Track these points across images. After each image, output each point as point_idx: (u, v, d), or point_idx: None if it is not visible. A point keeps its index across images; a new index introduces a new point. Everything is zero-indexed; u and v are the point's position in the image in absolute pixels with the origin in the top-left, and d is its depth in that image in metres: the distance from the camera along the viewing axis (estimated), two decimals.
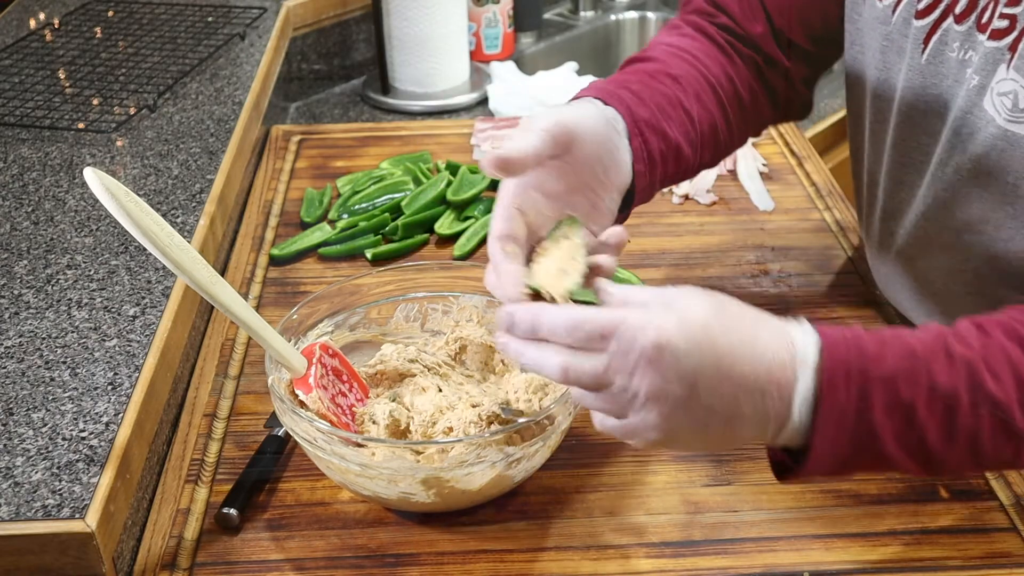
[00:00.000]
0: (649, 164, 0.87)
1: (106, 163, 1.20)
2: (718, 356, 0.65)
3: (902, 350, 0.67)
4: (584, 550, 0.82)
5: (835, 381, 0.66)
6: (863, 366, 0.66)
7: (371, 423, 0.86)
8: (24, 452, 0.80)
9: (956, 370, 0.67)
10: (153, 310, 0.96)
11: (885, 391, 0.66)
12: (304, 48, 1.73)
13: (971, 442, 0.68)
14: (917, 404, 0.66)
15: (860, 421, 0.66)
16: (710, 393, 0.65)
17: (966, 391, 0.67)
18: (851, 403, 0.66)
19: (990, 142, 0.85)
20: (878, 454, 0.68)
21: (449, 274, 0.99)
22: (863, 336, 0.68)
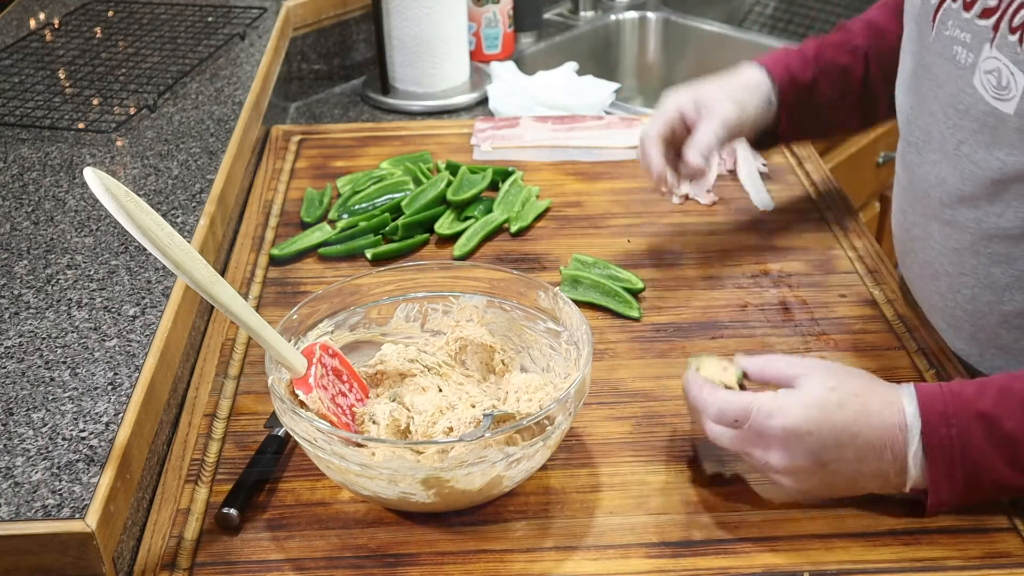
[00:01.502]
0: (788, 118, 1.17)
1: (106, 163, 1.20)
2: (836, 431, 0.78)
3: (997, 388, 0.78)
4: (584, 550, 0.82)
5: (934, 427, 0.77)
6: (958, 408, 0.77)
7: (371, 423, 0.86)
8: (24, 452, 0.80)
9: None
10: (153, 310, 0.96)
11: (984, 426, 0.77)
12: (304, 48, 1.73)
13: None
14: (1019, 434, 0.76)
15: (965, 457, 0.77)
16: (834, 462, 0.79)
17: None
18: (954, 444, 0.77)
19: (982, 119, 0.89)
20: (996, 481, 0.79)
21: (449, 274, 0.99)
22: (962, 384, 0.79)
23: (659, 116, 1.11)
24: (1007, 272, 0.93)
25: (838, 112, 1.21)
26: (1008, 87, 0.85)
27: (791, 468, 0.79)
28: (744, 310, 1.10)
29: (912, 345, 1.04)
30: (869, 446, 0.78)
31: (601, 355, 1.02)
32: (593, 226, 1.25)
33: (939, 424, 0.77)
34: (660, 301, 1.11)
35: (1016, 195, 0.89)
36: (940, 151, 0.96)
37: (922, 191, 1.00)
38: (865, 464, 0.79)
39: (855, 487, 0.82)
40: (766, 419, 0.78)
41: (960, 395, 0.78)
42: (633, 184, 1.34)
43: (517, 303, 0.96)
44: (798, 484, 0.80)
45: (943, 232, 0.98)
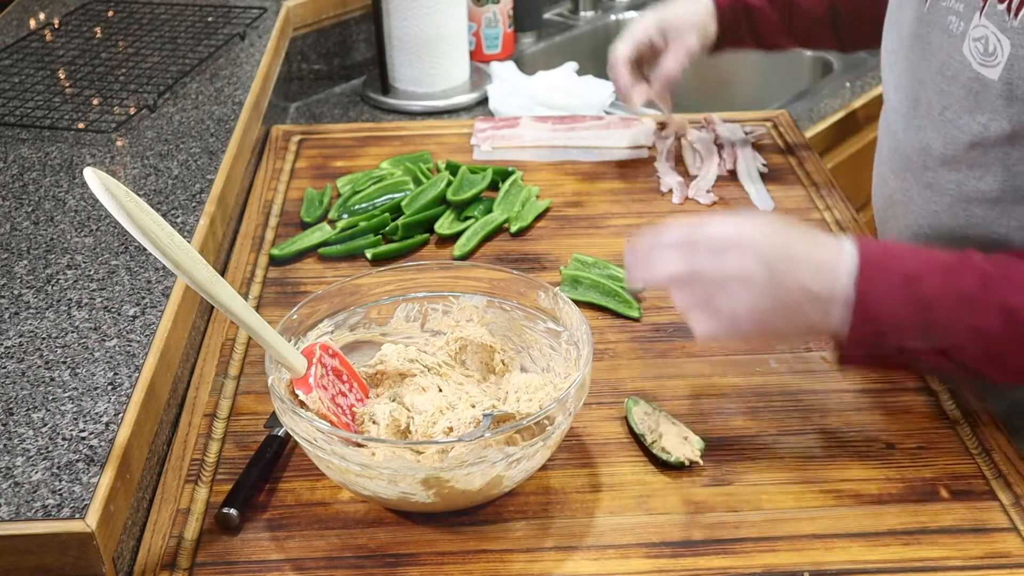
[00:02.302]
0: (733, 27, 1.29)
1: (106, 163, 1.20)
2: (787, 246, 0.81)
3: (927, 255, 0.83)
4: (584, 550, 0.82)
5: (870, 271, 0.80)
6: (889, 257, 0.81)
7: (371, 423, 0.86)
8: (24, 452, 0.80)
9: (974, 276, 0.80)
10: (153, 310, 0.96)
11: (905, 280, 0.80)
12: (304, 48, 1.73)
13: (985, 342, 0.80)
14: (937, 303, 0.80)
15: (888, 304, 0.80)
16: (784, 273, 0.80)
17: (979, 289, 0.79)
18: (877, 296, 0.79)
19: (968, 85, 0.92)
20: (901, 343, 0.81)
21: (449, 274, 0.99)
22: (893, 244, 0.89)
23: (628, 40, 1.28)
24: (984, 234, 0.96)
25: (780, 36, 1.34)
26: (994, 54, 0.89)
27: (745, 273, 0.79)
28: None
29: None
30: (815, 260, 0.80)
31: (601, 355, 1.02)
32: (593, 226, 1.25)
33: (875, 259, 0.80)
34: (660, 301, 1.11)
35: (995, 159, 0.93)
36: (926, 117, 0.99)
37: (905, 155, 1.04)
38: (811, 281, 0.80)
39: (798, 313, 0.80)
40: (721, 226, 0.82)
41: (893, 253, 0.82)
42: (633, 184, 1.34)
43: (517, 303, 0.96)
44: (751, 300, 0.79)
45: (923, 196, 1.02)
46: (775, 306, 0.80)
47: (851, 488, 0.87)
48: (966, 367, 0.82)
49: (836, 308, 0.80)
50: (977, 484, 0.87)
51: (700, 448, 0.89)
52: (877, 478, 0.88)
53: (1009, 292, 0.79)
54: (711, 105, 1.65)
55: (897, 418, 0.95)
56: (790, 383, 0.99)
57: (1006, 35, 0.88)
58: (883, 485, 0.87)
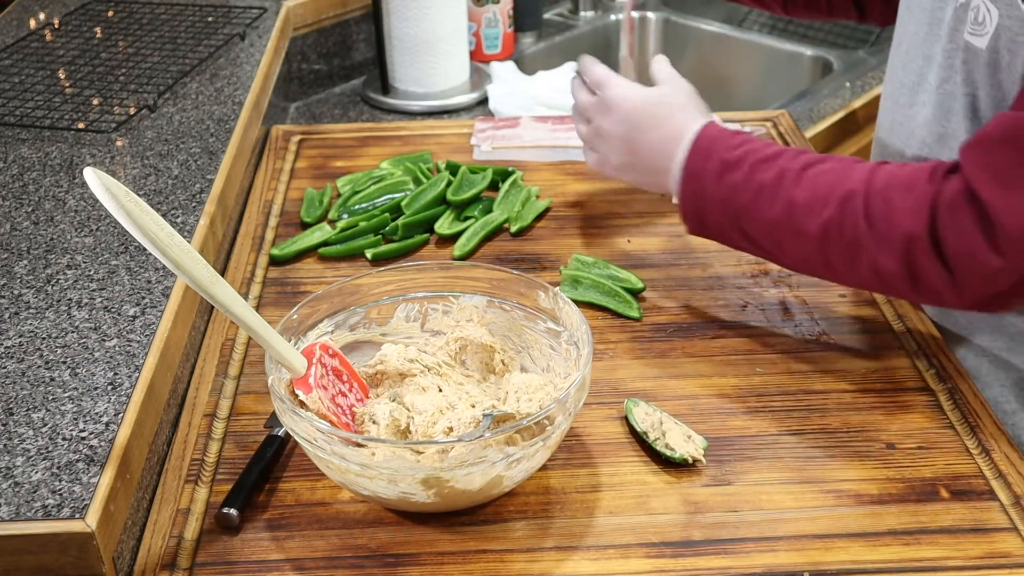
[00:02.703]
0: None
1: (106, 163, 1.20)
2: (646, 116, 1.03)
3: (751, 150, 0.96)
4: (584, 550, 0.82)
5: (695, 150, 0.98)
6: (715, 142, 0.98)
7: (371, 423, 0.86)
8: (24, 452, 0.80)
9: (774, 172, 0.93)
10: (153, 310, 0.96)
11: (722, 167, 0.96)
12: (304, 48, 1.73)
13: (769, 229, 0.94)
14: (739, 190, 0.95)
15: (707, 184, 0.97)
16: (634, 141, 1.04)
17: (774, 186, 0.93)
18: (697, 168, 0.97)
19: (962, 56, 0.95)
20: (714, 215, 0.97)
21: (449, 274, 0.99)
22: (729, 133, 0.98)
23: None
24: None
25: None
26: (983, 23, 0.92)
27: (607, 134, 1.06)
28: (744, 310, 1.10)
29: (912, 345, 1.04)
30: (661, 139, 1.01)
31: (601, 355, 1.02)
32: (593, 226, 1.25)
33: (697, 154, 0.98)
34: (660, 301, 1.11)
35: None
36: (928, 91, 1.01)
37: (908, 131, 1.06)
38: (650, 156, 1.02)
39: (647, 176, 1.04)
40: (615, 89, 1.06)
41: (723, 140, 0.97)
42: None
43: (517, 303, 0.96)
44: (612, 152, 1.06)
45: None
46: (629, 162, 1.05)
47: (851, 488, 0.87)
48: (762, 250, 0.96)
49: (670, 180, 1.00)
50: (977, 484, 0.88)
51: (703, 447, 0.89)
52: (877, 478, 0.88)
53: (795, 189, 0.91)
54: (711, 105, 1.64)
55: (897, 418, 0.95)
56: (790, 383, 0.99)
57: (995, 4, 0.90)
58: (883, 485, 0.87)
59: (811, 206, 0.90)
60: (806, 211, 0.91)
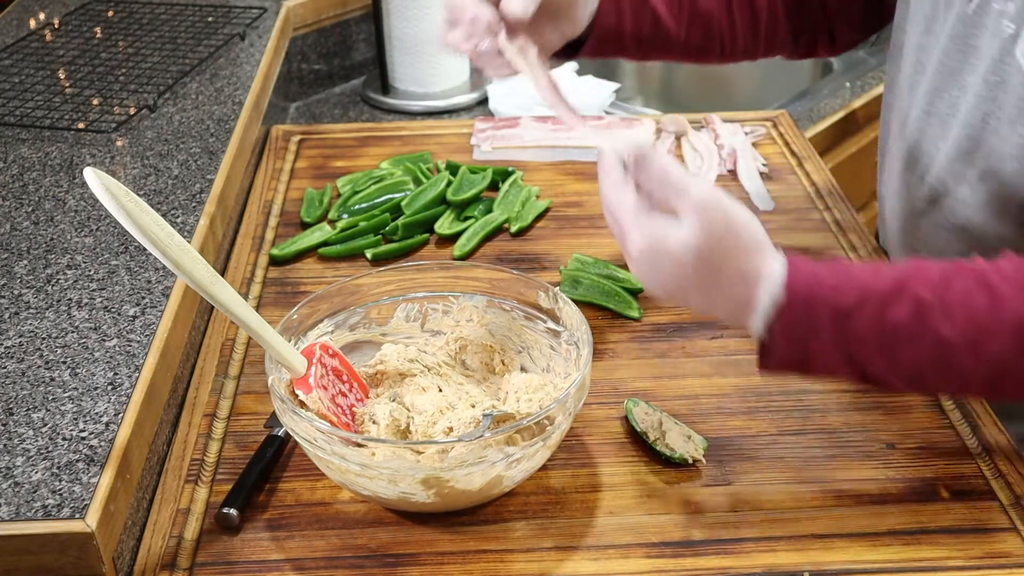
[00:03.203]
0: (616, 11, 0.95)
1: (106, 163, 1.20)
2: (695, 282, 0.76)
3: (860, 285, 0.75)
4: (584, 550, 0.82)
5: (795, 304, 0.74)
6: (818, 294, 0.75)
7: (371, 423, 0.86)
8: (24, 452, 0.80)
9: (908, 307, 0.74)
10: (153, 310, 0.96)
11: (835, 318, 0.74)
12: (304, 48, 1.73)
13: (914, 373, 0.75)
14: (865, 334, 0.74)
15: (813, 336, 0.75)
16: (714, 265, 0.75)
17: (912, 326, 0.73)
18: (805, 322, 0.75)
19: (1018, 91, 0.87)
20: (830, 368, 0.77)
21: (449, 274, 0.99)
22: (824, 266, 0.76)
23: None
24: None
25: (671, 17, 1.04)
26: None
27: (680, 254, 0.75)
28: None
29: None
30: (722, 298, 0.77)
31: (601, 355, 1.02)
32: (593, 226, 1.25)
33: (799, 303, 0.74)
34: (660, 301, 1.11)
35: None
36: (964, 124, 0.94)
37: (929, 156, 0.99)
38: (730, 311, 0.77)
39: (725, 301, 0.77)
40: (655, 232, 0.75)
41: (823, 284, 0.75)
42: None
43: (517, 303, 0.96)
44: (680, 273, 0.76)
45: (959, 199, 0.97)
46: (707, 298, 0.78)
47: (851, 488, 0.87)
48: (894, 387, 0.79)
49: (753, 322, 0.76)
50: (977, 484, 0.87)
51: (703, 447, 0.89)
52: (877, 478, 0.88)
53: (943, 324, 0.73)
54: (711, 105, 1.65)
55: (897, 418, 0.95)
56: (790, 383, 0.99)
57: None
58: (883, 485, 0.87)
59: (972, 343, 0.73)
60: (966, 349, 0.74)
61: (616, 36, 0.99)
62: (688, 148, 1.42)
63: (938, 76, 0.97)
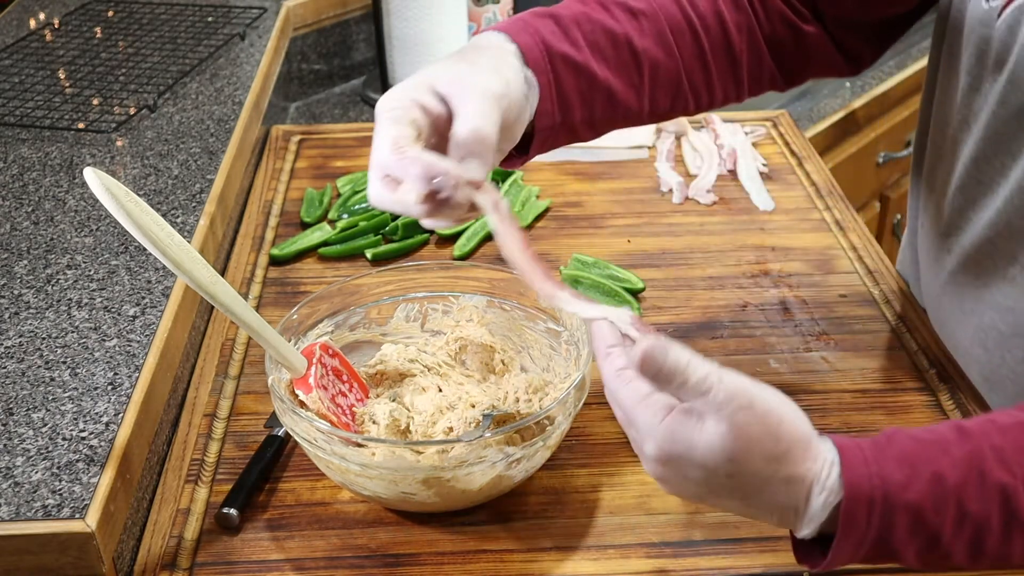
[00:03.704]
0: (560, 103, 0.81)
1: (106, 163, 1.20)
2: (730, 489, 0.65)
3: (930, 477, 0.64)
4: (584, 550, 0.82)
5: (856, 513, 0.63)
6: (886, 494, 0.63)
7: (371, 423, 0.86)
8: (24, 452, 0.80)
9: (989, 496, 0.64)
10: (153, 310, 0.96)
11: (909, 518, 0.64)
12: (304, 48, 1.73)
13: (1000, 560, 0.66)
14: (943, 531, 0.64)
15: (880, 543, 0.64)
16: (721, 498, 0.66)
17: (998, 517, 0.64)
18: (872, 530, 0.64)
19: None
20: (898, 563, 0.67)
21: (449, 274, 0.99)
22: (888, 460, 0.64)
23: (392, 121, 0.73)
24: None
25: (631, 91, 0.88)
26: None
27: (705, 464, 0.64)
28: (744, 310, 1.10)
29: (912, 345, 1.04)
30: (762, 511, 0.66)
31: None
32: (593, 226, 1.25)
33: (862, 509, 0.63)
34: (660, 301, 1.11)
35: None
36: (1009, 187, 0.85)
37: (967, 221, 0.90)
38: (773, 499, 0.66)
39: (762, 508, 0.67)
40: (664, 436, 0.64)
41: (888, 479, 0.64)
42: (633, 184, 1.34)
43: (517, 303, 0.96)
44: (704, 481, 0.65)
45: (1000, 288, 0.89)
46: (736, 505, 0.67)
47: None
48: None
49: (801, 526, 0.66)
50: None
51: None
52: None
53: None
54: None
55: (897, 418, 0.95)
56: (790, 383, 0.99)
57: None
58: None
59: None
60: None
61: (566, 129, 0.84)
62: (688, 148, 1.42)
63: (989, 142, 0.87)
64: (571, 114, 0.83)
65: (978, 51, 0.86)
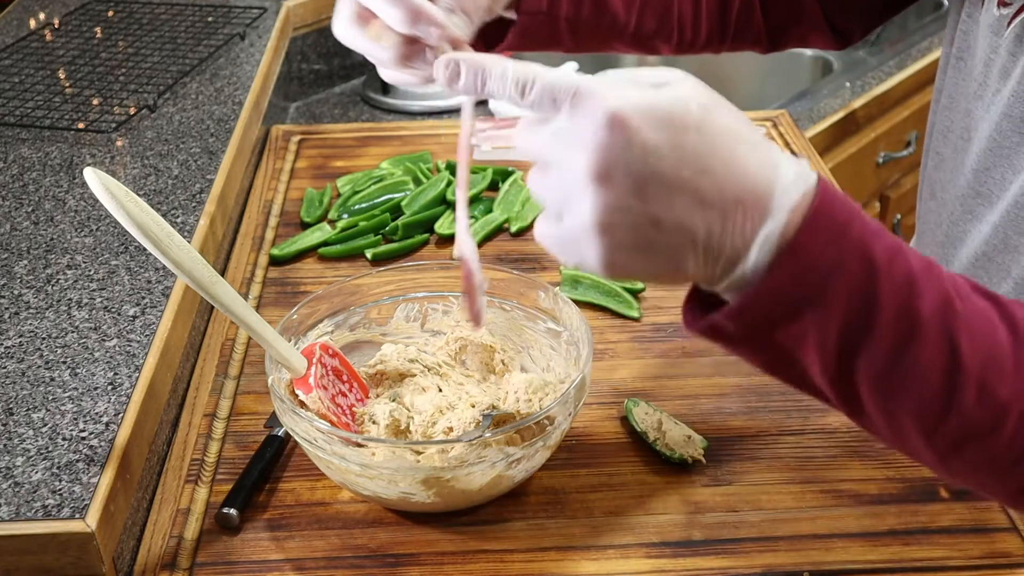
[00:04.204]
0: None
1: (106, 163, 1.20)
2: (682, 159, 0.51)
3: (905, 261, 0.55)
4: (584, 550, 0.82)
5: (815, 233, 0.53)
6: (848, 232, 0.53)
7: (371, 423, 0.86)
8: (24, 452, 0.80)
9: (937, 299, 0.54)
10: (153, 310, 0.96)
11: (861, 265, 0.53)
12: (304, 48, 1.73)
13: (904, 392, 0.55)
14: (883, 309, 0.53)
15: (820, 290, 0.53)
16: (660, 200, 0.52)
17: (936, 329, 0.54)
18: (819, 262, 0.52)
19: None
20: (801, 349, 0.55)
21: (449, 274, 0.99)
22: (862, 213, 0.56)
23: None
24: None
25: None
26: None
27: (601, 182, 0.52)
28: None
29: None
30: (718, 197, 0.52)
31: (601, 355, 1.02)
32: None
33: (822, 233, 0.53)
34: (660, 301, 1.11)
35: None
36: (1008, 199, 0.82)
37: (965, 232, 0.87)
38: (699, 224, 0.52)
39: (672, 260, 0.54)
40: (596, 98, 0.54)
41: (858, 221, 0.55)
42: None
43: (517, 303, 0.96)
44: (601, 223, 0.53)
45: None
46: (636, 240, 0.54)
47: (851, 488, 0.87)
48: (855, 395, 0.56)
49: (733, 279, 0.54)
50: None
51: (703, 447, 0.89)
52: (877, 478, 0.88)
53: (963, 335, 0.55)
54: None
55: None
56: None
57: None
58: (883, 485, 0.87)
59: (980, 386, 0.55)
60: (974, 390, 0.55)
61: (549, 22, 0.80)
62: None
63: (991, 154, 0.84)
64: (558, 5, 0.79)
65: (986, 58, 0.85)
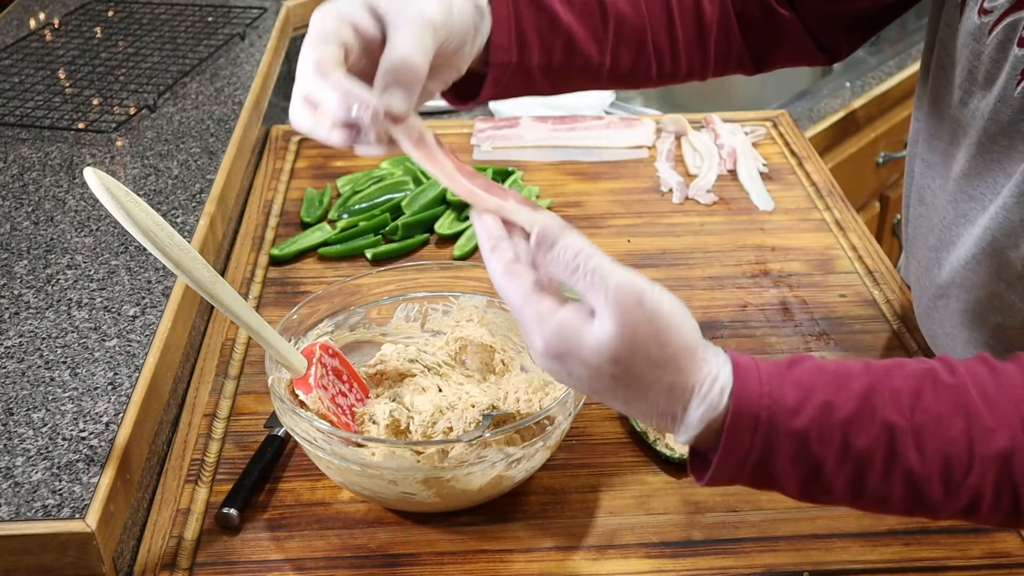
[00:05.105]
0: (518, 39, 0.79)
1: (106, 163, 1.20)
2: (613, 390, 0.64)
3: (820, 405, 0.62)
4: (584, 550, 0.82)
5: (740, 431, 0.62)
6: (772, 416, 0.62)
7: (371, 423, 0.86)
8: (24, 452, 0.80)
9: (875, 433, 0.62)
10: (153, 310, 0.96)
11: (793, 444, 0.62)
12: None
13: (880, 499, 0.64)
14: (826, 462, 0.62)
15: (762, 466, 0.63)
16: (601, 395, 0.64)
17: (881, 455, 0.62)
18: (754, 451, 0.62)
19: None
20: (779, 491, 0.65)
21: (449, 274, 0.99)
22: (785, 384, 0.63)
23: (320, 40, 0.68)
24: None
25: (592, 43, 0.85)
26: None
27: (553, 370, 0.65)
28: (744, 310, 1.10)
29: (912, 345, 1.04)
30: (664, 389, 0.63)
31: None
32: (593, 226, 1.25)
33: (746, 427, 0.62)
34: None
35: None
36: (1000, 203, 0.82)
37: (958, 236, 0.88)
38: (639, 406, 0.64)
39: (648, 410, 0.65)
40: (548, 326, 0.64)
41: (779, 403, 0.62)
42: (633, 184, 1.34)
43: None
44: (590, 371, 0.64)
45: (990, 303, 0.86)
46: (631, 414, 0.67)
47: None
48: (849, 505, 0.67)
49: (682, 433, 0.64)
50: None
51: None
52: None
53: (913, 456, 0.62)
54: (711, 105, 1.65)
55: None
56: None
57: None
58: None
59: (946, 481, 0.62)
60: (939, 486, 0.63)
61: (522, 72, 0.81)
62: (688, 148, 1.42)
63: (980, 160, 0.85)
64: (528, 55, 0.81)
65: (969, 65, 0.85)
